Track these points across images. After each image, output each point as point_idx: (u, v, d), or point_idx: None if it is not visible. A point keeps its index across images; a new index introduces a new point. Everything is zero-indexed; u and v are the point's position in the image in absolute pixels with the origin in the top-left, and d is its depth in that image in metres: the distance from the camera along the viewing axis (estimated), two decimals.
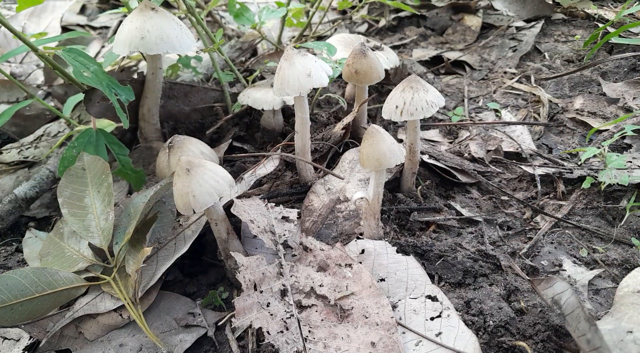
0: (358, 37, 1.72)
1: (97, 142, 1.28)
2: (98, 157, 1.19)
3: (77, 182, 1.18)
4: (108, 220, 1.10)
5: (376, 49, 1.64)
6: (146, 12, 1.20)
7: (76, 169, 1.19)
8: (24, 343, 1.04)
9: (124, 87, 1.25)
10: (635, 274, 1.04)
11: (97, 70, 1.21)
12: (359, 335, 0.92)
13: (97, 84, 1.16)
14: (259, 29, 1.61)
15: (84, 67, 1.19)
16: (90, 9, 2.87)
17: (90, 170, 1.18)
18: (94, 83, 1.16)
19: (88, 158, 1.20)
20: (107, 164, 1.17)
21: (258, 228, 1.10)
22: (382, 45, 1.66)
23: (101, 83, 1.18)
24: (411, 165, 1.28)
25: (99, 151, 1.27)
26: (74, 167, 1.19)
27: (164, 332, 1.03)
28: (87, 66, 1.20)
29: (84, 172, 1.18)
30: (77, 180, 1.18)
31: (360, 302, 0.97)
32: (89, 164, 1.19)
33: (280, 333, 0.93)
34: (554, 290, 0.95)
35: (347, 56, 1.30)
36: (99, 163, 1.18)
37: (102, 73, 1.22)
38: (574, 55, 1.99)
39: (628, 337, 0.88)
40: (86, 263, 1.09)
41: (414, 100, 1.11)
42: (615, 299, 1.01)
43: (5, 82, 1.93)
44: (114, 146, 1.30)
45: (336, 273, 1.03)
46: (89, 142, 1.28)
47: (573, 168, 1.40)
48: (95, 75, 1.18)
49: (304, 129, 1.24)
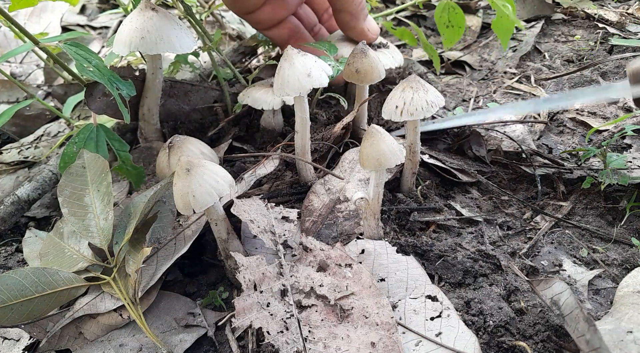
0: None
1: (98, 137, 1.28)
2: (98, 155, 1.19)
3: (77, 181, 1.17)
4: (108, 219, 1.10)
5: (382, 46, 1.61)
6: (146, 12, 1.20)
7: (76, 167, 1.19)
8: (24, 343, 1.05)
9: (125, 82, 1.25)
10: (635, 274, 1.04)
11: (99, 65, 1.20)
12: (359, 335, 0.92)
13: (99, 77, 1.16)
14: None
15: (86, 61, 1.18)
16: (90, 9, 2.88)
17: (90, 168, 1.18)
18: (97, 77, 1.16)
19: (88, 156, 1.20)
20: (107, 163, 1.17)
21: (258, 228, 1.10)
22: (388, 43, 1.64)
23: (103, 77, 1.17)
24: (411, 165, 1.28)
25: (99, 147, 1.26)
26: (74, 165, 1.19)
27: (164, 332, 1.03)
28: (89, 60, 1.19)
29: (84, 170, 1.18)
30: (77, 179, 1.18)
31: (360, 302, 0.97)
32: (89, 162, 1.19)
33: (280, 333, 0.93)
34: (553, 290, 0.95)
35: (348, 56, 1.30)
36: (98, 161, 1.18)
37: (104, 67, 1.22)
38: (574, 55, 1.99)
39: (628, 337, 0.88)
40: (86, 263, 1.09)
41: (414, 100, 1.11)
42: (615, 299, 1.01)
43: (5, 82, 1.94)
44: (114, 142, 1.30)
45: (336, 273, 1.03)
46: (90, 137, 1.27)
47: (573, 168, 1.40)
48: (98, 69, 1.18)
49: (304, 128, 1.24)
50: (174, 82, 1.56)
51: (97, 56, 1.24)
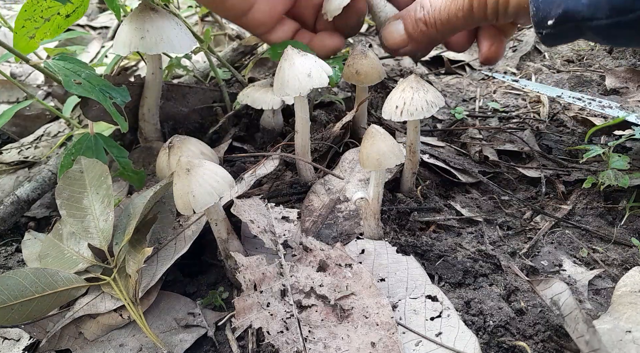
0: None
1: (96, 146, 1.25)
2: (96, 160, 1.17)
3: (75, 184, 1.16)
4: (107, 221, 1.10)
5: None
6: (146, 13, 1.20)
7: (74, 172, 1.17)
8: (24, 343, 1.05)
9: (118, 89, 1.22)
10: (632, 274, 1.04)
11: (90, 76, 1.17)
12: (359, 335, 0.92)
13: (88, 93, 1.13)
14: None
15: (75, 75, 1.15)
16: (90, 9, 2.88)
17: (88, 172, 1.17)
18: (85, 93, 1.12)
19: (85, 161, 1.18)
20: (106, 166, 1.15)
21: (258, 228, 1.10)
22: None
23: (93, 90, 1.14)
24: (411, 165, 1.28)
25: (98, 155, 1.23)
26: (71, 170, 1.17)
27: (164, 332, 1.03)
28: (78, 73, 1.16)
29: (82, 174, 1.17)
30: (75, 183, 1.17)
31: (360, 302, 0.97)
32: (86, 167, 1.18)
33: (280, 334, 0.93)
34: (553, 290, 0.95)
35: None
36: (97, 165, 1.16)
37: (95, 78, 1.19)
38: (574, 55, 1.99)
39: (627, 337, 0.88)
40: (86, 264, 1.09)
41: (414, 100, 1.11)
42: (613, 299, 1.01)
43: (5, 82, 1.94)
44: (112, 149, 1.28)
45: (336, 273, 1.03)
46: (87, 147, 1.24)
47: (573, 168, 1.40)
48: (88, 82, 1.16)
49: (304, 128, 1.24)
50: (171, 85, 1.56)
51: (88, 66, 1.21)
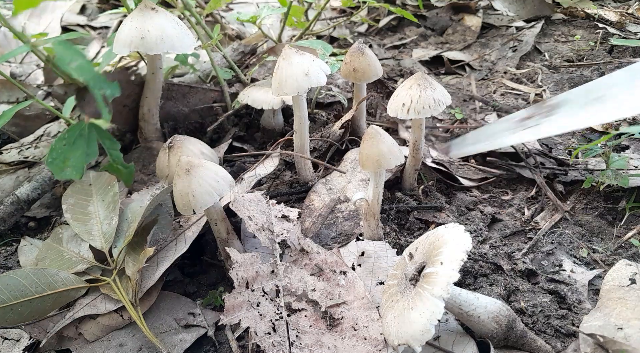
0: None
1: (89, 135, 1.25)
2: (103, 173, 1.23)
3: (81, 192, 1.22)
4: (111, 224, 1.12)
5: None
6: (146, 12, 1.20)
7: (82, 183, 1.23)
8: (24, 343, 1.04)
9: (110, 83, 1.22)
10: (619, 267, 1.03)
11: (83, 64, 1.18)
12: (346, 347, 0.90)
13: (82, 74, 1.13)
14: (259, 24, 1.61)
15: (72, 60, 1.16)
16: (90, 9, 2.87)
17: (95, 184, 1.23)
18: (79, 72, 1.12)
19: (94, 174, 1.24)
20: (113, 176, 1.21)
21: (255, 226, 1.08)
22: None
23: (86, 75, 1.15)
24: (414, 162, 1.27)
25: (89, 144, 1.23)
26: (80, 182, 1.23)
27: (164, 332, 1.03)
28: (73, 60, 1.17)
29: (90, 187, 1.24)
30: (82, 191, 1.22)
31: (350, 313, 0.95)
32: (94, 180, 1.24)
33: (268, 335, 0.92)
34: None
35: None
36: (104, 177, 1.22)
37: (89, 67, 1.19)
38: (574, 55, 1.99)
39: (619, 334, 0.88)
40: (86, 265, 1.09)
41: (422, 98, 1.09)
42: (601, 293, 0.99)
43: (5, 82, 1.93)
44: (105, 140, 1.27)
45: (330, 279, 1.01)
46: (80, 134, 1.23)
47: (573, 168, 1.40)
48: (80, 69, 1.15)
49: (303, 128, 1.23)
50: (171, 84, 1.56)
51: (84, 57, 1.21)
